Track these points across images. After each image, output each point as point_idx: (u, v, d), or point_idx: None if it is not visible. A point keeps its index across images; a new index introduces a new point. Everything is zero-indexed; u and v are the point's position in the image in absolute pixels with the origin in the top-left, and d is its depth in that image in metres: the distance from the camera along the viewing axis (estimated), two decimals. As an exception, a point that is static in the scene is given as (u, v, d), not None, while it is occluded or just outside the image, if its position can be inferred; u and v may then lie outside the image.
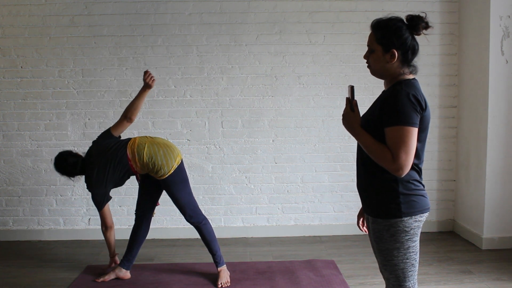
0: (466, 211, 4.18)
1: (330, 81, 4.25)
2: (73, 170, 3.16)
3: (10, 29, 4.13)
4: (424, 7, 4.06)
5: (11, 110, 4.18)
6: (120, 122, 3.21)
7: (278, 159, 4.29)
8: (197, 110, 4.21)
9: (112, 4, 4.14)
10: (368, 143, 1.80)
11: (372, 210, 1.91)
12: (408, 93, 1.75)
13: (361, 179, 1.97)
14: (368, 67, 1.92)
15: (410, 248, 1.84)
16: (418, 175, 1.86)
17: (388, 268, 1.89)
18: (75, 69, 4.17)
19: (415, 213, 1.82)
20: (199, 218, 3.22)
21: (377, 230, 1.89)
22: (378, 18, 1.87)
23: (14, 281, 3.34)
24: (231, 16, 4.17)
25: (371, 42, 1.87)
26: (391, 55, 1.82)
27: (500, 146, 3.83)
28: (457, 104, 4.32)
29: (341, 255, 3.79)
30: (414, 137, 1.73)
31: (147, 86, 3.17)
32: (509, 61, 3.77)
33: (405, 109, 1.73)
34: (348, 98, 1.90)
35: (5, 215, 4.25)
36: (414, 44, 1.83)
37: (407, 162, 1.73)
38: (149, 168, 3.09)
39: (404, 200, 1.81)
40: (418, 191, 1.85)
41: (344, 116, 1.90)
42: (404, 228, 1.82)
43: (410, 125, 1.72)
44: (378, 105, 1.84)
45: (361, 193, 1.98)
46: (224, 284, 3.19)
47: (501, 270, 3.42)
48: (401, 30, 1.81)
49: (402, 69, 1.84)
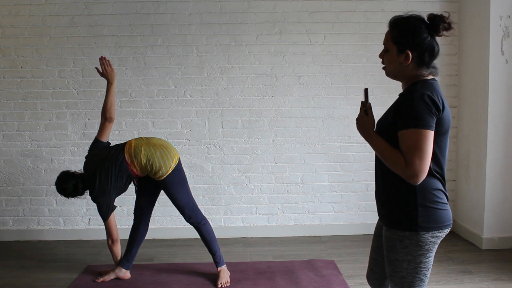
0: (466, 211, 4.18)
1: (330, 81, 4.25)
2: (76, 192, 3.15)
3: (10, 29, 4.13)
4: (424, 7, 4.07)
5: (11, 110, 4.19)
6: (102, 125, 3.18)
7: (278, 159, 4.29)
8: (197, 110, 4.21)
9: (112, 4, 4.14)
10: (382, 148, 1.70)
11: (387, 220, 1.80)
12: (422, 93, 1.63)
13: (378, 187, 1.87)
14: (384, 68, 1.82)
15: (422, 264, 1.73)
16: (441, 184, 1.73)
17: (395, 279, 1.80)
18: (75, 69, 4.17)
19: (433, 229, 1.70)
20: (198, 218, 3.21)
21: (390, 239, 1.78)
22: (397, 15, 1.75)
23: (14, 281, 3.34)
24: (231, 16, 4.17)
25: (387, 40, 1.76)
26: (405, 57, 1.71)
27: (500, 146, 3.83)
28: (457, 104, 4.32)
29: (341, 255, 3.79)
30: (429, 141, 1.60)
31: (107, 80, 3.15)
32: (509, 61, 3.77)
33: (418, 110, 1.60)
34: (363, 101, 1.81)
35: (5, 215, 4.25)
36: (433, 45, 1.70)
37: (422, 168, 1.60)
38: (147, 170, 3.08)
39: (422, 213, 1.68)
40: (439, 204, 1.71)
41: (357, 120, 1.81)
42: (418, 242, 1.70)
43: (425, 128, 1.60)
44: (393, 108, 1.74)
45: (377, 201, 1.88)
46: (224, 284, 3.19)
47: (501, 270, 3.42)
48: (419, 30, 1.69)
49: (419, 71, 1.72)
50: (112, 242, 3.24)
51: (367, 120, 1.79)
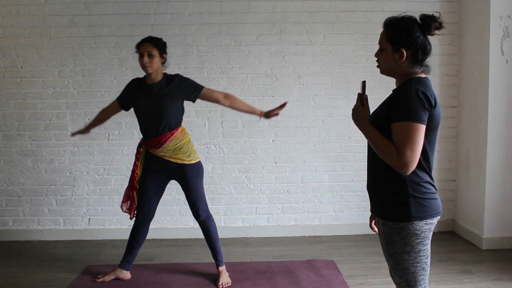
0: (466, 211, 4.18)
1: (330, 81, 4.25)
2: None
3: (10, 29, 4.13)
4: (424, 7, 4.07)
5: (11, 110, 4.18)
6: (215, 92, 3.22)
7: (278, 159, 4.29)
8: (197, 110, 4.21)
9: (112, 4, 4.14)
10: (375, 139, 1.77)
11: (381, 212, 1.87)
12: (417, 89, 1.71)
13: (370, 180, 1.94)
14: (378, 66, 1.89)
15: (421, 252, 1.81)
16: (428, 176, 1.82)
17: (398, 272, 1.86)
18: (75, 69, 4.17)
19: (426, 217, 1.79)
20: (208, 213, 3.24)
21: (387, 233, 1.85)
22: (391, 16, 1.83)
23: (14, 281, 3.34)
24: (231, 16, 4.17)
25: (382, 40, 1.84)
26: (400, 55, 1.78)
27: (500, 146, 3.83)
28: (457, 104, 4.32)
29: (341, 255, 3.79)
30: (420, 134, 1.69)
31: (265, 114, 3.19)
32: (509, 61, 3.77)
33: (413, 105, 1.69)
34: (360, 93, 1.88)
35: (5, 215, 4.25)
36: (425, 44, 1.79)
37: (412, 159, 1.68)
38: (180, 150, 3.09)
39: (414, 204, 1.78)
40: (428, 194, 1.81)
41: (353, 111, 1.88)
42: (414, 231, 1.79)
43: (417, 122, 1.68)
44: (387, 102, 1.82)
45: (370, 194, 1.95)
46: (225, 284, 3.19)
47: (501, 270, 3.42)
48: (412, 29, 1.77)
49: (413, 69, 1.80)
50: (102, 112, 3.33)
51: (362, 111, 1.86)
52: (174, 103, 3.08)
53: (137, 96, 3.13)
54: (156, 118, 3.06)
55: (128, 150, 4.20)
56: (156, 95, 3.06)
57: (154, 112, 3.05)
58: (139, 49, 3.08)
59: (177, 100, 3.10)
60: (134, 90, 3.17)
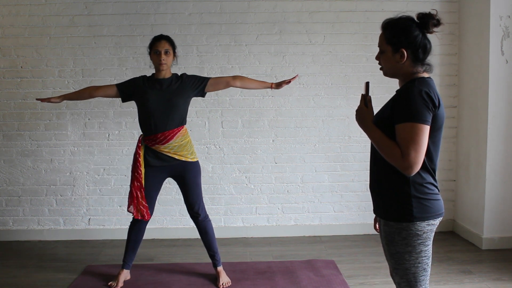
0: (466, 211, 4.18)
1: (330, 81, 4.25)
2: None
3: (10, 29, 4.13)
4: (424, 7, 4.05)
5: (11, 110, 4.18)
6: (223, 77, 3.28)
7: (278, 159, 4.29)
8: (197, 110, 4.21)
9: (112, 4, 4.14)
10: (379, 140, 1.76)
11: (383, 212, 1.87)
12: (420, 90, 1.70)
13: (373, 181, 1.93)
14: (381, 68, 1.90)
15: (422, 252, 1.80)
16: (432, 177, 1.81)
17: (399, 272, 1.86)
18: (75, 69, 4.17)
19: (428, 218, 1.78)
20: (205, 213, 3.25)
21: (388, 233, 1.85)
22: (388, 18, 1.83)
23: (14, 281, 3.34)
24: (231, 16, 4.17)
25: (381, 43, 1.84)
26: (400, 55, 1.78)
27: (500, 146, 3.83)
28: (457, 104, 4.32)
29: (341, 255, 3.79)
30: (425, 135, 1.68)
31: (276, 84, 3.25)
32: (509, 61, 3.77)
33: (416, 105, 1.68)
34: (363, 94, 1.88)
35: (5, 215, 4.25)
36: (425, 43, 1.78)
37: (417, 160, 1.67)
38: (184, 147, 3.11)
39: (416, 204, 1.77)
40: (431, 195, 1.80)
41: (357, 112, 1.87)
42: (416, 231, 1.78)
43: (421, 122, 1.67)
44: (391, 103, 1.81)
45: (372, 194, 1.95)
46: (225, 284, 3.20)
47: (501, 270, 3.42)
48: (410, 29, 1.77)
49: (415, 68, 1.80)
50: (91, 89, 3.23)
51: (366, 112, 1.85)
52: (184, 99, 3.11)
53: (145, 90, 3.10)
54: (165, 112, 3.05)
55: (128, 150, 4.20)
56: (167, 89, 3.09)
57: (165, 106, 3.05)
58: (155, 46, 3.09)
59: (187, 96, 3.14)
60: (142, 84, 3.14)
